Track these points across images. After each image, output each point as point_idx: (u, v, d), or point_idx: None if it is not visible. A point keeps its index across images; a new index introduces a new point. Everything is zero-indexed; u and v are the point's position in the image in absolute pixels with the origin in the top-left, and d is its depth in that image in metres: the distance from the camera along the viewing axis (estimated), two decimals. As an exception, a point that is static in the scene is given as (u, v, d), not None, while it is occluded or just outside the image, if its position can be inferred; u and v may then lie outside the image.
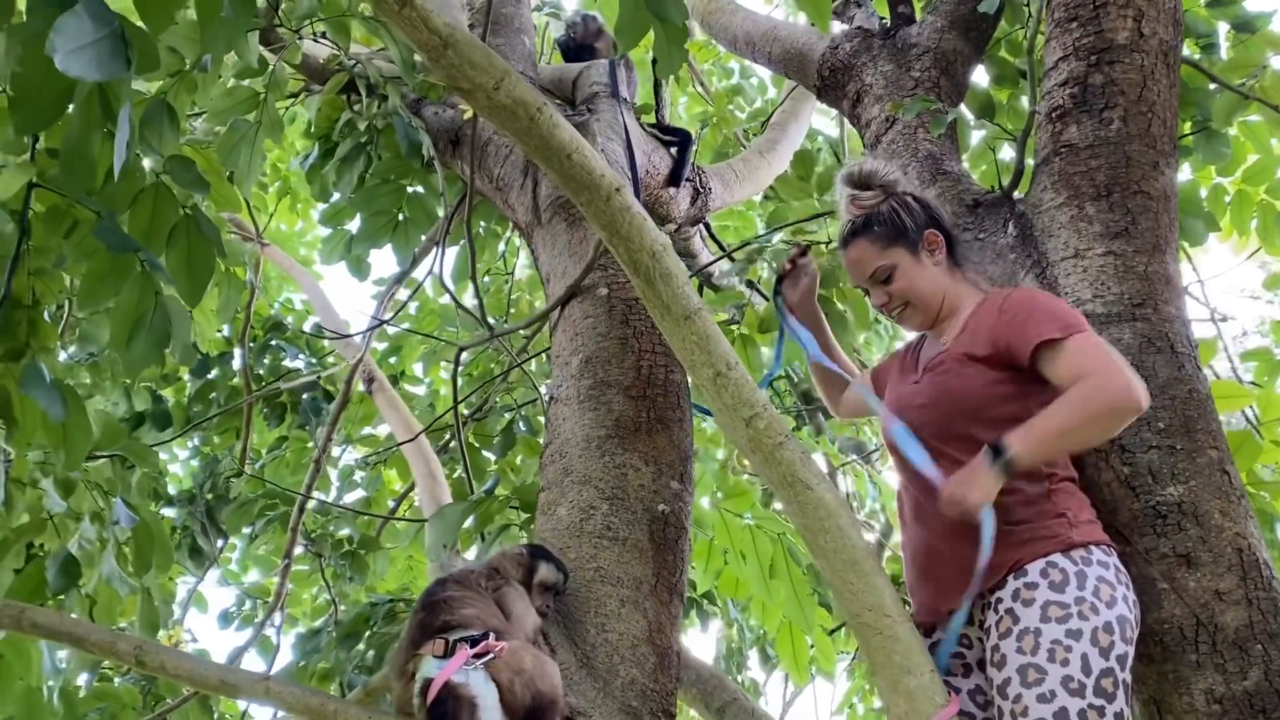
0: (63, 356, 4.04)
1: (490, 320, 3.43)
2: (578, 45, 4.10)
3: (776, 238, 3.75)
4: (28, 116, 1.72)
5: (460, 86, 2.16)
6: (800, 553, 3.35)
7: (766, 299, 3.76)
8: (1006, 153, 3.80)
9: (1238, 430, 2.86)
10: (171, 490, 5.74)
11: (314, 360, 6.04)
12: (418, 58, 3.00)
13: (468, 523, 3.03)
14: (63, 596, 2.56)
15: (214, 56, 2.29)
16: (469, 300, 5.83)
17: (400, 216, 3.77)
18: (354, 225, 4.01)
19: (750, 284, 3.84)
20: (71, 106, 1.77)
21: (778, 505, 4.59)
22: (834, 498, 2.02)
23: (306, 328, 6.23)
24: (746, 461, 5.94)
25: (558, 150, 2.25)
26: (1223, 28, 3.46)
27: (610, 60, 3.69)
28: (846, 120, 3.55)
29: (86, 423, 1.94)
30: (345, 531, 4.97)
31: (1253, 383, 4.33)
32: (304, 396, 5.67)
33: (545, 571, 2.18)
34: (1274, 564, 2.15)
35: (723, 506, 3.52)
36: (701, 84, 6.85)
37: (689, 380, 2.70)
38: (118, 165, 1.58)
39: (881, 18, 3.53)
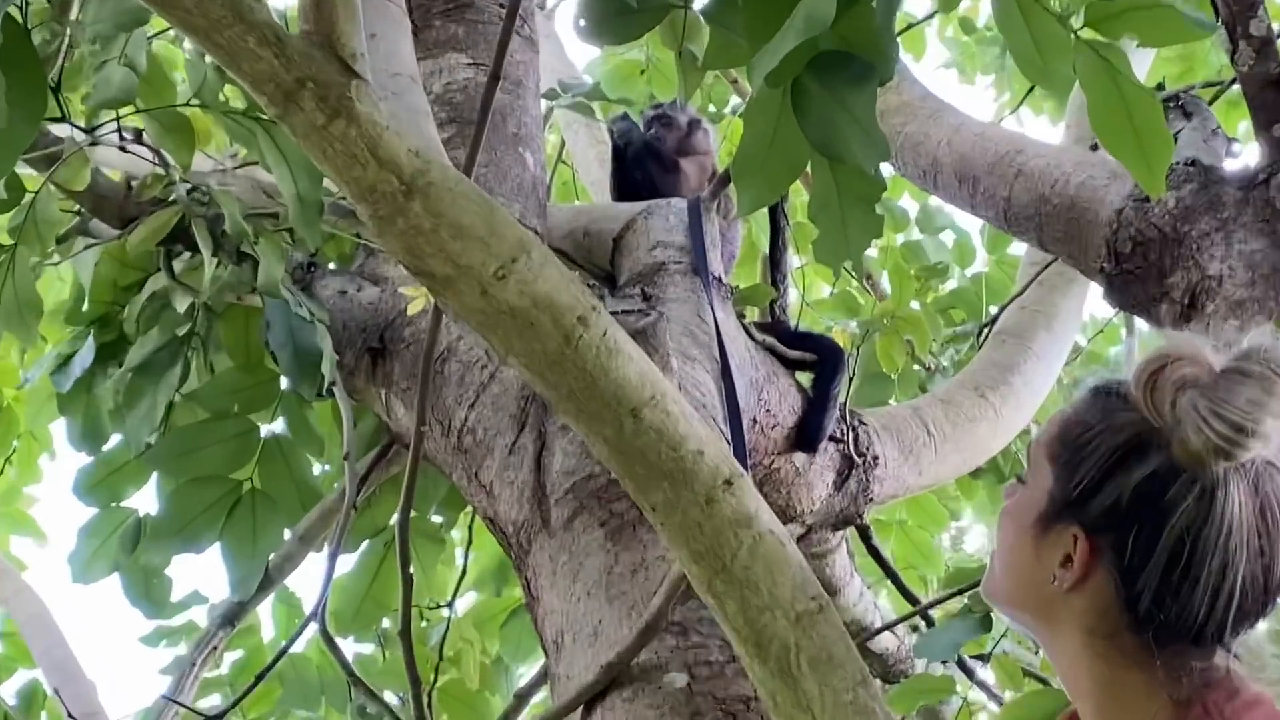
0: None
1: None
2: (654, 155, 3.05)
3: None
4: None
5: (426, 269, 1.56)
6: None
7: (993, 695, 2.35)
8: None
9: None
10: None
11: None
12: (333, 189, 2.17)
13: None
14: None
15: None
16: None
17: (244, 487, 2.71)
18: (149, 497, 2.90)
19: (962, 665, 2.81)
20: None
21: None
22: None
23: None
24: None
25: (613, 400, 1.55)
26: None
27: (693, 201, 2.77)
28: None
29: None
30: None
31: None
32: None
33: None
34: None
35: None
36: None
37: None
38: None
39: (1233, 139, 2.76)
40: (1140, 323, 2.89)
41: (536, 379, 1.63)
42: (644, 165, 2.97)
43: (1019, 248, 4.28)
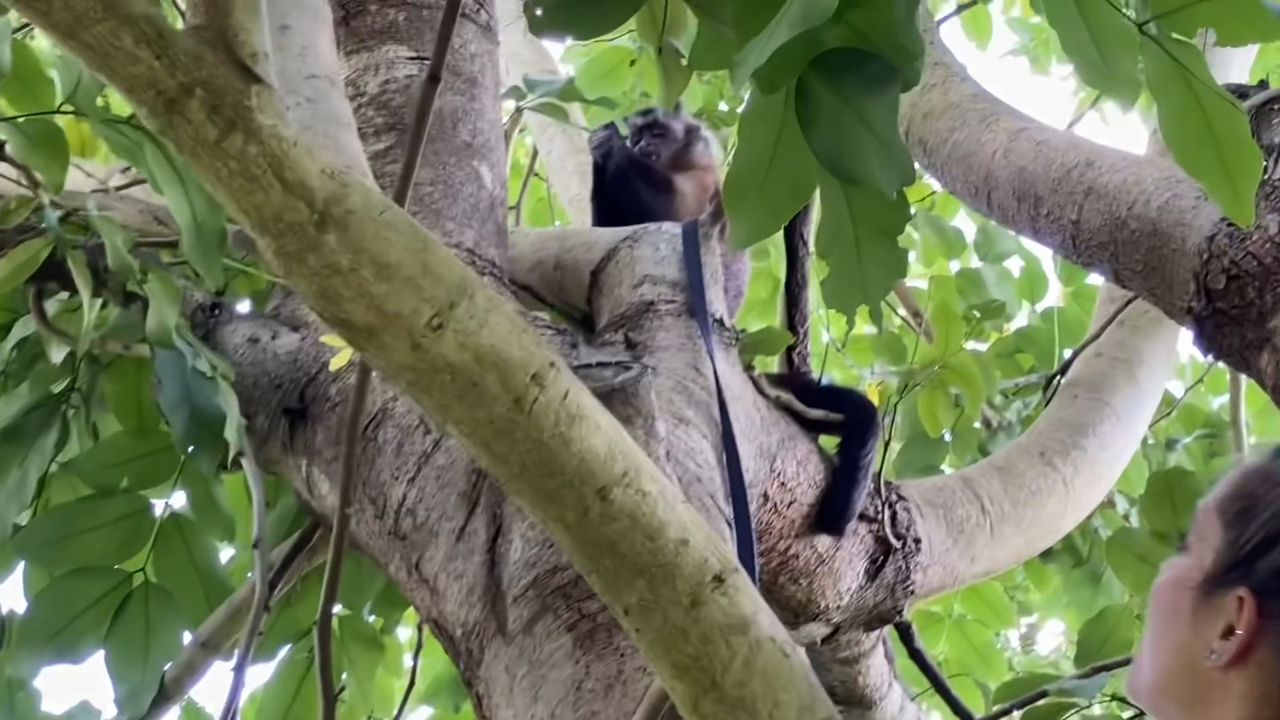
0: None
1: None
2: (642, 171, 2.62)
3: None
4: None
5: (344, 317, 1.35)
6: None
7: None
8: None
9: None
10: None
11: None
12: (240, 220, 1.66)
13: None
14: None
15: None
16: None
17: (136, 580, 2.33)
18: (15, 592, 2.51)
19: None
20: None
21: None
22: None
23: None
24: None
25: (575, 477, 1.35)
26: None
27: (689, 225, 2.40)
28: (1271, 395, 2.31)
29: None
30: None
31: None
32: None
33: None
34: None
35: None
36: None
37: None
38: None
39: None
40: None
41: (481, 451, 1.43)
42: (629, 184, 2.63)
43: (1100, 277, 3.75)
